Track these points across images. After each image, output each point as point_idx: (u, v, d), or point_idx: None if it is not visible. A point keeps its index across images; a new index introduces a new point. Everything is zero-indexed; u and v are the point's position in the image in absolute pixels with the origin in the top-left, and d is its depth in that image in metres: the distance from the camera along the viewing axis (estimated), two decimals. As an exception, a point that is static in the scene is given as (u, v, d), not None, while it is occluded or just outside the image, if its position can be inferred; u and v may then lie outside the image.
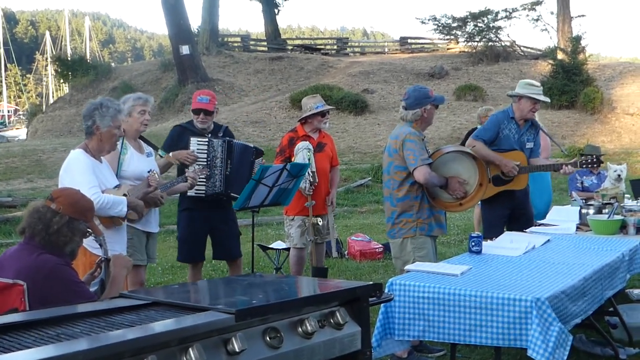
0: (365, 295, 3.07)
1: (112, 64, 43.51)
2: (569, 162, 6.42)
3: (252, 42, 41.08)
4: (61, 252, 3.54)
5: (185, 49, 27.65)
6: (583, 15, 36.78)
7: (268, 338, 2.65)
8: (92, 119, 4.56)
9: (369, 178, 17.32)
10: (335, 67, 33.01)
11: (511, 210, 6.40)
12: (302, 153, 6.35)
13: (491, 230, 6.07)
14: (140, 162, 5.27)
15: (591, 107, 24.46)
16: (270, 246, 7.58)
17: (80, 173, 4.46)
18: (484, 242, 5.07)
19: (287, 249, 7.16)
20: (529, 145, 6.49)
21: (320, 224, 6.65)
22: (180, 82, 27.93)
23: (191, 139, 5.90)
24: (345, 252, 9.25)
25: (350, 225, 12.33)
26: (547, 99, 6.67)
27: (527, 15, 34.46)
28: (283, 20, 46.39)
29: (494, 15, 33.37)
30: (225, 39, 39.64)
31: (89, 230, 3.74)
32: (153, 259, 5.59)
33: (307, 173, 6.28)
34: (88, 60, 36.90)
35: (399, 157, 5.29)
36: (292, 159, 6.44)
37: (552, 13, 34.14)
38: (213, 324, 2.50)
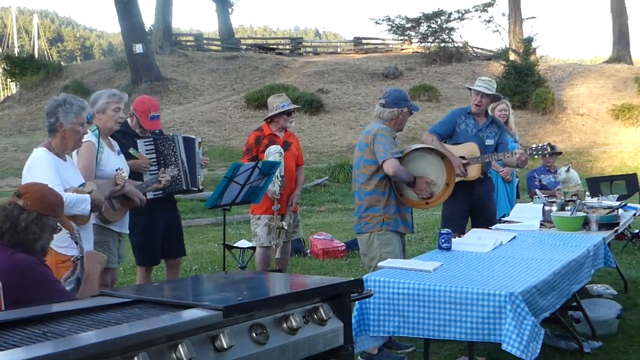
0: (347, 291, 3.09)
1: (62, 63, 42.69)
2: (520, 150, 6.53)
3: (205, 42, 40.83)
4: (31, 249, 3.48)
5: (138, 48, 27.35)
6: (534, 17, 37.58)
7: (254, 334, 2.64)
8: (55, 115, 4.46)
9: (326, 177, 17.39)
10: (289, 66, 33.03)
11: (470, 206, 6.52)
12: (274, 156, 6.33)
13: (449, 225, 6.12)
14: (115, 161, 5.21)
15: (543, 107, 24.92)
16: (235, 245, 7.53)
17: (42, 172, 4.36)
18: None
19: (252, 248, 7.13)
20: (489, 142, 6.61)
21: (286, 227, 6.65)
22: (134, 81, 27.61)
23: (138, 142, 5.73)
24: (308, 251, 9.26)
25: (310, 224, 12.35)
26: (484, 89, 6.50)
27: (479, 17, 34.99)
28: (235, 20, 46.35)
29: (446, 16, 33.74)
30: (178, 38, 39.31)
31: (59, 225, 3.68)
32: (122, 258, 5.52)
33: (275, 177, 6.26)
34: (37, 59, 36.20)
35: (369, 151, 5.33)
36: (262, 158, 6.42)
37: (503, 15, 34.78)
38: (201, 320, 2.49)
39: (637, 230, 9.27)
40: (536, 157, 6.79)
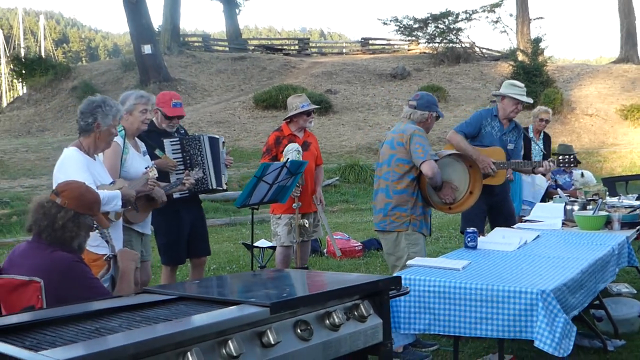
0: (386, 289, 3.13)
1: (70, 64, 42.77)
2: (549, 160, 6.56)
3: (212, 42, 40.89)
4: (69, 247, 3.51)
5: (147, 49, 27.43)
6: (541, 18, 37.52)
7: (299, 330, 2.69)
8: (93, 116, 4.52)
9: (337, 178, 17.40)
10: (297, 67, 33.06)
11: (489, 206, 6.54)
12: (292, 155, 6.35)
13: (469, 225, 6.15)
14: (140, 162, 5.25)
15: (552, 107, 24.68)
16: (255, 244, 7.56)
17: (75, 171, 4.41)
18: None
19: (272, 247, 7.16)
20: (510, 146, 6.64)
21: (307, 225, 6.67)
22: (142, 82, 27.64)
23: (165, 141, 5.79)
24: (325, 251, 9.29)
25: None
26: (530, 100, 6.81)
27: (487, 17, 34.99)
28: (240, 21, 46.20)
29: (454, 17, 33.73)
30: (186, 39, 39.39)
31: (95, 224, 3.72)
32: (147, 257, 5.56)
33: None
34: (45, 60, 36.26)
35: (404, 150, 5.36)
36: (282, 158, 6.46)
37: (511, 15, 34.74)
38: (250, 316, 2.53)
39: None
40: (561, 167, 6.78)
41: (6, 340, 2.25)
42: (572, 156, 6.60)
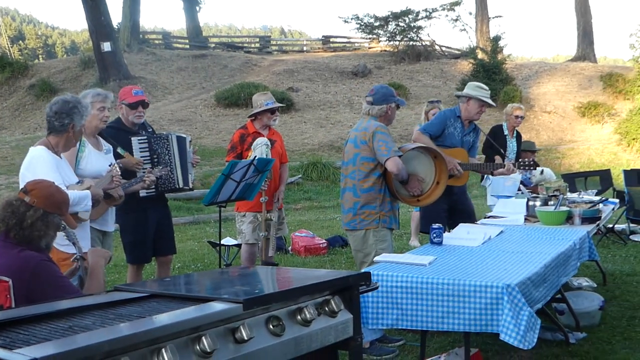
0: (356, 284, 3.16)
1: (26, 62, 42.06)
2: (511, 162, 6.66)
3: (173, 40, 40.59)
4: (37, 247, 3.49)
5: (106, 46, 27.09)
6: (500, 16, 37.94)
7: (271, 326, 2.71)
8: (70, 117, 4.53)
9: (299, 176, 17.42)
10: (259, 65, 33.00)
11: (449, 206, 6.59)
12: (261, 149, 6.37)
13: (430, 225, 6.21)
14: (98, 160, 5.22)
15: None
16: (221, 242, 7.56)
17: (44, 170, 4.38)
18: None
19: (237, 245, 7.16)
20: (468, 146, 6.72)
21: (273, 219, 6.69)
22: (102, 80, 27.31)
23: (132, 139, 5.76)
24: (289, 248, 9.31)
25: (288, 222, 12.37)
26: (494, 104, 6.87)
27: (447, 16, 35.24)
28: (201, 19, 45.86)
29: (414, 15, 33.93)
30: (146, 36, 39.02)
31: (63, 223, 3.69)
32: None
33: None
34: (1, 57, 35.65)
35: (368, 148, 5.40)
36: (247, 155, 6.46)
37: (470, 13, 35.13)
38: (223, 312, 2.54)
39: (611, 225, 9.48)
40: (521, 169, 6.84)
41: (-22, 339, 2.23)
42: (532, 160, 6.71)
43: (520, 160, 6.73)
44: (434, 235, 5.07)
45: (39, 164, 4.45)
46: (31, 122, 25.69)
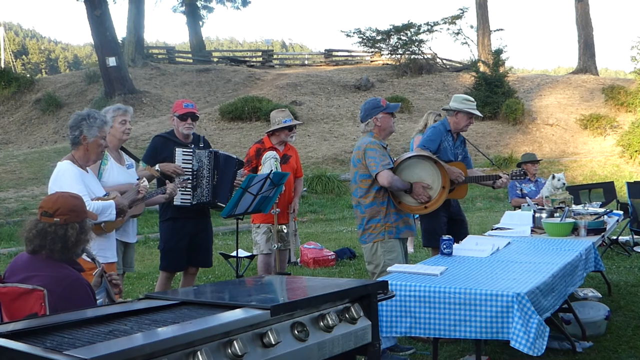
0: (375, 292, 3.30)
1: (32, 77, 42.28)
2: (502, 174, 6.76)
3: (177, 54, 40.82)
4: (76, 255, 3.62)
5: (112, 61, 27.34)
6: (502, 29, 38.08)
7: (296, 332, 2.85)
8: (79, 129, 4.67)
9: (305, 189, 17.55)
10: (262, 79, 33.16)
11: (448, 218, 6.71)
12: (270, 162, 6.54)
13: (433, 238, 6.34)
14: (120, 174, 5.37)
15: (513, 118, 25.35)
16: (233, 254, 7.70)
17: (69, 184, 4.54)
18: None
19: (249, 257, 7.31)
20: (460, 158, 6.83)
21: (285, 231, 6.84)
22: (107, 95, 27.56)
23: (176, 150, 6.02)
24: (298, 260, 9.44)
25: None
26: (481, 115, 7.02)
27: (448, 29, 35.37)
28: (203, 32, 46.11)
29: (416, 28, 34.11)
30: (150, 51, 39.25)
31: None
32: (131, 267, 5.69)
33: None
34: (7, 72, 35.86)
35: (362, 165, 5.60)
36: (259, 169, 6.62)
37: (471, 27, 35.25)
38: (252, 318, 2.69)
39: (615, 237, 9.61)
40: (514, 179, 6.98)
41: (26, 342, 2.38)
42: (521, 170, 6.89)
43: (512, 171, 6.89)
44: (444, 246, 5.21)
45: (65, 177, 4.62)
46: (37, 136, 25.89)
